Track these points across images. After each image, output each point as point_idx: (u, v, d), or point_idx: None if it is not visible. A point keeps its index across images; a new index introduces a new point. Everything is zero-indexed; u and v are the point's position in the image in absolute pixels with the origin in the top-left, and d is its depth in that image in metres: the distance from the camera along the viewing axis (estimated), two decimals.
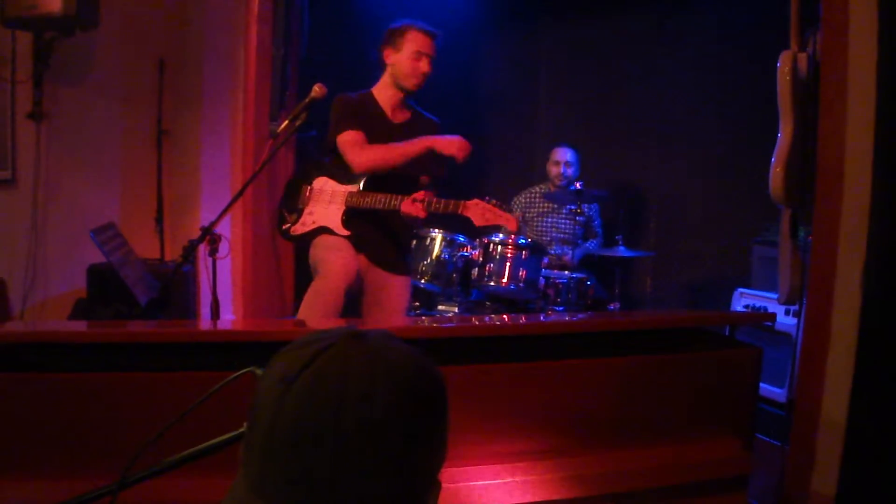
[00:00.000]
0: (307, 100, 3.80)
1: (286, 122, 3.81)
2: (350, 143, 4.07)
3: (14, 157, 5.28)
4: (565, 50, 6.96)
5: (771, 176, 3.71)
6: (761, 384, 3.36)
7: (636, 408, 2.78)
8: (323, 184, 4.26)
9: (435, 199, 3.82)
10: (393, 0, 5.75)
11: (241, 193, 3.78)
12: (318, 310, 3.81)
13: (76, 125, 5.52)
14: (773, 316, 3.32)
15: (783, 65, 3.67)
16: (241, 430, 1.44)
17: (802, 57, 3.70)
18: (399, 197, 3.90)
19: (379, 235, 4.18)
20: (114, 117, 5.75)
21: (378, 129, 4.12)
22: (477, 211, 3.71)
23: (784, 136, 3.69)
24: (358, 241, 4.13)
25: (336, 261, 4.00)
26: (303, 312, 3.84)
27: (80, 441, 2.32)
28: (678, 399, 2.84)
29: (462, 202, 3.74)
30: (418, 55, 4.08)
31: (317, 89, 3.82)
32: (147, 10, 5.81)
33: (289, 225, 4.29)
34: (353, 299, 4.18)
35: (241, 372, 1.59)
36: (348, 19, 3.96)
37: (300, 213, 4.27)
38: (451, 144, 3.93)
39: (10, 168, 5.27)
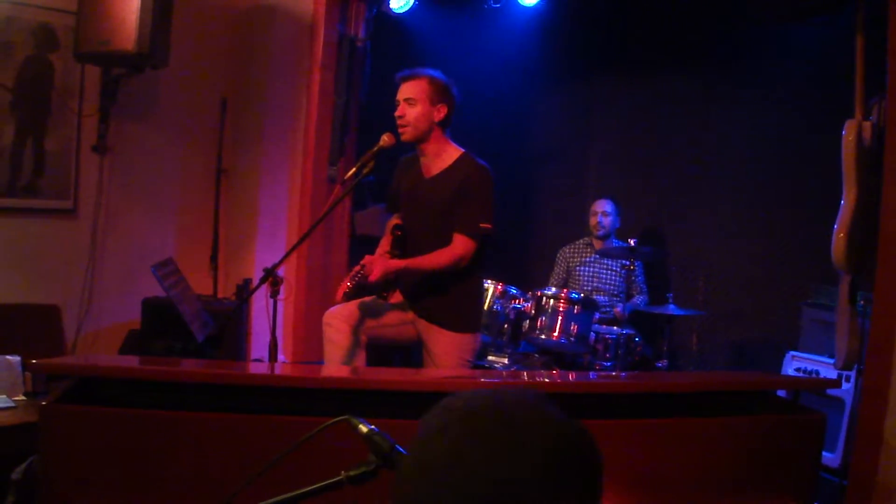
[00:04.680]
0: (375, 148, 3.77)
1: (353, 169, 3.78)
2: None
3: (76, 188, 5.39)
4: (617, 107, 7.01)
5: (833, 242, 3.72)
6: None
7: (696, 469, 2.78)
8: None
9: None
10: (454, 49, 5.86)
11: (306, 236, 3.84)
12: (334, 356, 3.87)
13: (138, 160, 5.64)
14: (838, 382, 3.32)
15: (848, 133, 3.69)
16: (338, 478, 1.47)
17: (867, 125, 3.73)
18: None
19: (424, 289, 4.04)
20: (175, 154, 5.87)
21: (413, 187, 4.06)
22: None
23: (847, 202, 3.71)
24: (408, 300, 4.10)
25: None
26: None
27: (167, 475, 2.37)
28: (740, 462, 2.83)
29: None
30: (396, 104, 3.93)
31: (385, 139, 3.79)
32: (213, 51, 5.95)
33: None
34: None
35: (336, 420, 1.62)
36: (409, 65, 3.99)
37: None
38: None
39: (72, 198, 5.37)
